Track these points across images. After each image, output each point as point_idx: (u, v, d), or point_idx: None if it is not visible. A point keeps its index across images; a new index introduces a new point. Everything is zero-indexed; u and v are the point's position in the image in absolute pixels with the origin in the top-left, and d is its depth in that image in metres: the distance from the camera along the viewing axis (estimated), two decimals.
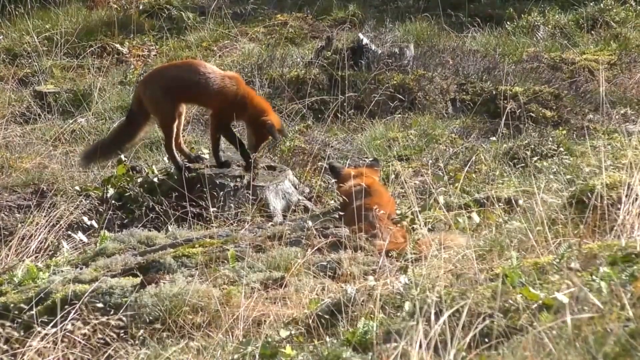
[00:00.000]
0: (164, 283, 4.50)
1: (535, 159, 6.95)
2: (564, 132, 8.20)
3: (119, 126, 7.26)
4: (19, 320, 4.41)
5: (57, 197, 6.94)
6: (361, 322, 3.63)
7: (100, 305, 4.39)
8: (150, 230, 5.99)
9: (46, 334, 3.94)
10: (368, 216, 5.30)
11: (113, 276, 4.84)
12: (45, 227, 6.35)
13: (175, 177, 6.79)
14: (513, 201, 5.09)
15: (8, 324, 4.03)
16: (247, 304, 4.24)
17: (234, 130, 7.02)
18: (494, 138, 8.09)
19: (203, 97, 6.90)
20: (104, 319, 4.03)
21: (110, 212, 6.58)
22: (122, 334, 4.12)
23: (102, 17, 12.31)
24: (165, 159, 7.29)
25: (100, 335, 4.01)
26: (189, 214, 6.25)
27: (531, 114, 9.06)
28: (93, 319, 4.03)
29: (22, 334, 4.21)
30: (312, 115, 9.26)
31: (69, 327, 4.00)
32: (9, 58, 11.23)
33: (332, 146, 8.43)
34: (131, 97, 9.42)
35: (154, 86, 6.82)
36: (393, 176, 7.16)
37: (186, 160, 6.96)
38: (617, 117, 8.80)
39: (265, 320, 4.17)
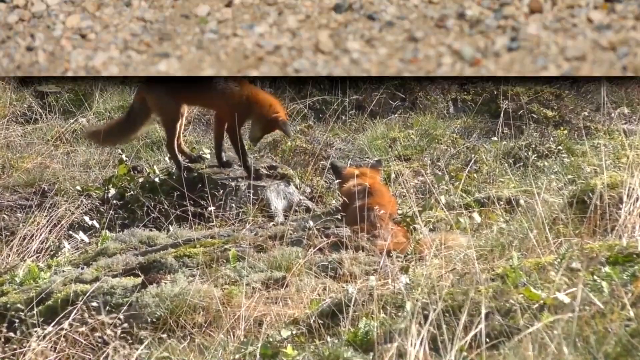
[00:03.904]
0: (165, 283, 4.50)
1: (533, 157, 6.94)
2: (565, 131, 8.20)
3: (117, 122, 7.22)
4: (20, 321, 4.40)
5: (59, 197, 6.95)
6: (362, 322, 3.63)
7: (101, 305, 4.39)
8: (151, 230, 6.00)
9: (45, 335, 3.94)
10: (369, 216, 5.30)
11: (114, 276, 4.84)
12: (47, 227, 6.35)
13: (176, 177, 6.78)
14: (513, 201, 5.09)
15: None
16: (248, 304, 4.24)
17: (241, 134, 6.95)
18: (495, 138, 8.09)
19: (205, 98, 6.87)
20: (104, 318, 4.03)
21: (111, 212, 6.58)
22: (122, 334, 4.12)
23: None
24: (167, 158, 7.29)
25: (100, 335, 4.01)
26: (190, 214, 6.25)
27: (532, 114, 9.05)
28: (93, 319, 4.03)
29: (22, 334, 4.21)
30: (314, 115, 9.26)
31: (69, 327, 4.00)
32: None
33: (333, 146, 8.42)
34: (132, 96, 9.45)
35: (157, 85, 6.80)
36: (394, 175, 7.16)
37: (187, 160, 6.95)
38: (617, 117, 8.78)
39: (266, 320, 4.16)
